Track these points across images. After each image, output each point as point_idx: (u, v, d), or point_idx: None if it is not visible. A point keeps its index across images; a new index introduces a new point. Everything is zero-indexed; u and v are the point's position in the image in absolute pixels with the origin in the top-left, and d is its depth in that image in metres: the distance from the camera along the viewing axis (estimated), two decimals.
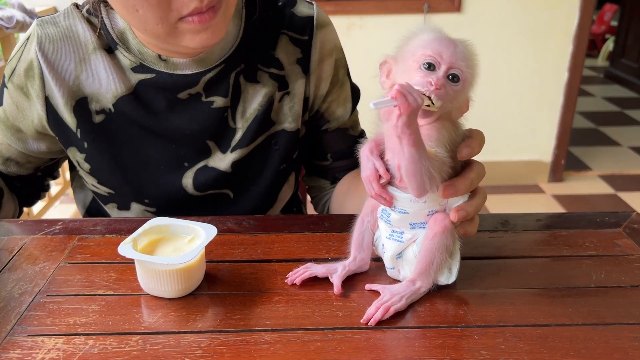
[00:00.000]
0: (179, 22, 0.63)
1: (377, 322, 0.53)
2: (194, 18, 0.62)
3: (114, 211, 0.83)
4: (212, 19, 0.63)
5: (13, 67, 0.75)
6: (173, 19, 0.63)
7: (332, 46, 0.82)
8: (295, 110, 0.80)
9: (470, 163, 0.56)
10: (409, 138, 0.48)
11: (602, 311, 0.55)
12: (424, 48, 0.51)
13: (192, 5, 0.61)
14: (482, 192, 0.57)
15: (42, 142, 0.80)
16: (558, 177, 2.91)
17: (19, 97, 0.75)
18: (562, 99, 2.73)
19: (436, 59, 0.51)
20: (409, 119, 0.46)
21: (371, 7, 2.54)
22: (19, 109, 0.76)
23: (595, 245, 0.68)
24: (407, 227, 0.57)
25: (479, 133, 0.55)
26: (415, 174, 0.50)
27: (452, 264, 0.57)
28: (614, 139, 3.52)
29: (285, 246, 0.68)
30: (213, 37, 0.65)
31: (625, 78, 4.66)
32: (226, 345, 0.51)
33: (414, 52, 0.52)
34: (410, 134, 0.47)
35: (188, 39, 0.65)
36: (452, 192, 0.54)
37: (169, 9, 0.62)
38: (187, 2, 0.61)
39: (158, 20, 0.62)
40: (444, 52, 0.51)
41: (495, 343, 0.51)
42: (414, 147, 0.48)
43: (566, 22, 2.57)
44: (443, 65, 0.51)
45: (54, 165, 0.89)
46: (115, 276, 0.62)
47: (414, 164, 0.49)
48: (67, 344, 0.51)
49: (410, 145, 0.48)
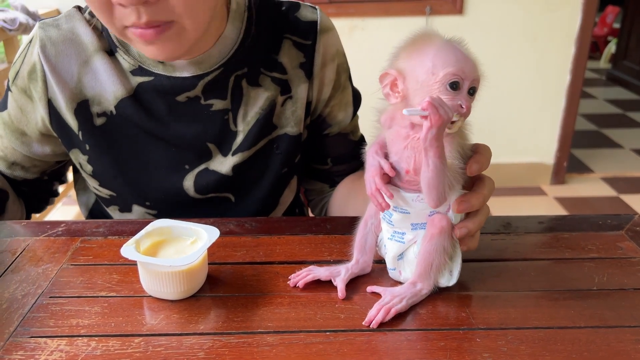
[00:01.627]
0: (125, 30, 0.63)
1: (379, 324, 0.53)
2: (135, 31, 0.62)
3: (116, 213, 0.83)
4: (153, 37, 0.62)
5: (17, 70, 0.75)
6: (119, 25, 0.63)
7: (335, 51, 0.82)
8: (298, 115, 0.80)
9: (481, 178, 0.57)
10: (436, 150, 0.48)
11: (604, 314, 0.55)
12: (445, 67, 0.50)
13: (130, 19, 0.61)
14: (485, 209, 0.58)
15: (46, 144, 0.80)
16: (560, 179, 2.91)
17: (23, 100, 0.76)
18: (564, 101, 2.73)
19: (460, 77, 0.50)
20: (439, 131, 0.47)
21: (373, 10, 2.55)
22: (23, 112, 0.77)
23: (598, 248, 0.68)
24: (408, 227, 0.57)
25: (487, 148, 0.56)
26: (438, 186, 0.51)
27: (453, 266, 0.57)
28: (616, 141, 3.52)
29: (288, 248, 0.68)
30: (163, 53, 0.65)
31: (627, 80, 4.65)
32: (228, 347, 0.51)
33: (434, 72, 0.50)
34: (437, 147, 0.48)
35: (140, 47, 0.65)
36: (466, 207, 0.55)
37: (112, 16, 0.62)
38: (127, 14, 0.60)
39: (108, 24, 0.63)
40: (465, 68, 0.50)
41: (497, 345, 0.51)
42: (439, 159, 0.49)
43: (568, 24, 2.57)
44: (467, 82, 0.50)
45: (60, 170, 0.89)
46: (117, 278, 0.62)
47: (437, 176, 0.50)
48: (69, 346, 0.51)
49: (436, 157, 0.49)
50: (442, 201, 0.52)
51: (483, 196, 0.56)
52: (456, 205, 0.55)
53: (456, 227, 0.56)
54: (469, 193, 0.55)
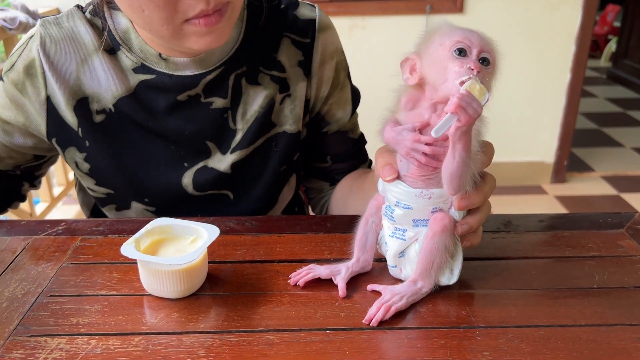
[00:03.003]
0: (184, 24, 0.63)
1: (379, 322, 0.53)
2: (200, 21, 0.62)
3: (112, 212, 0.82)
4: (217, 22, 0.63)
5: (12, 63, 0.74)
6: (178, 20, 0.63)
7: (334, 49, 0.82)
8: (297, 113, 0.81)
9: (483, 176, 0.57)
10: (464, 144, 0.49)
11: (605, 312, 0.55)
12: (451, 36, 0.52)
13: (198, 8, 0.61)
14: (486, 205, 0.58)
15: (29, 137, 0.78)
16: (561, 178, 2.90)
17: (14, 92, 0.75)
18: (565, 100, 2.72)
19: (466, 44, 0.51)
20: (469, 127, 0.48)
21: (373, 8, 2.54)
22: (12, 103, 0.75)
23: (598, 246, 0.68)
24: (410, 224, 0.57)
25: (490, 146, 0.56)
26: (461, 176, 0.51)
27: (454, 265, 0.57)
28: (616, 140, 3.52)
29: (288, 247, 0.68)
30: (218, 40, 0.66)
31: (627, 79, 4.65)
32: (228, 345, 0.51)
33: (442, 42, 0.52)
34: (466, 141, 0.49)
35: (192, 41, 0.65)
36: (467, 204, 0.55)
37: (174, 11, 0.62)
38: (193, 4, 0.61)
39: (163, 22, 0.63)
40: (472, 37, 0.51)
41: (497, 344, 0.51)
42: (465, 151, 0.50)
43: (569, 22, 2.57)
44: (474, 49, 0.51)
45: (35, 168, 0.86)
46: (117, 277, 0.62)
47: (462, 167, 0.50)
48: (69, 344, 0.51)
49: (463, 150, 0.50)
50: (462, 190, 0.53)
51: (484, 193, 0.56)
52: (457, 202, 0.55)
53: (457, 224, 0.56)
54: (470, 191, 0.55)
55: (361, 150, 0.91)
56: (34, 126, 0.76)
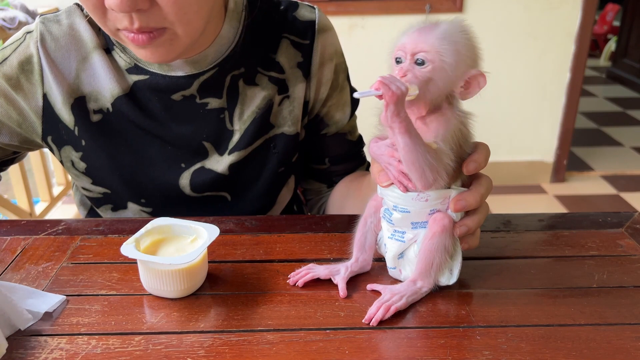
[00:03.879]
0: (118, 32, 0.63)
1: (379, 321, 0.53)
2: (128, 35, 0.62)
3: (108, 213, 0.82)
4: (145, 42, 0.62)
5: (5, 56, 0.73)
6: (112, 27, 0.63)
7: (333, 51, 0.82)
8: (295, 114, 0.80)
9: (478, 177, 0.57)
10: (400, 126, 0.49)
11: (604, 311, 0.55)
12: (393, 46, 0.54)
13: (122, 23, 0.61)
14: (484, 206, 0.58)
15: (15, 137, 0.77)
16: (560, 177, 2.90)
17: (4, 87, 0.73)
18: (565, 99, 2.72)
19: (401, 52, 0.53)
20: (397, 107, 0.48)
21: (373, 8, 2.54)
22: (1, 97, 0.74)
23: (598, 246, 0.68)
24: (408, 226, 0.57)
25: (485, 147, 0.56)
26: (414, 162, 0.51)
27: (454, 265, 0.57)
28: (616, 139, 3.52)
29: (287, 246, 0.68)
30: (154, 57, 0.65)
31: (627, 78, 4.65)
32: (228, 345, 0.51)
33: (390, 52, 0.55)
34: (400, 122, 0.49)
35: (134, 50, 0.66)
36: (463, 205, 0.55)
37: (105, 18, 0.62)
38: (119, 18, 0.61)
39: (102, 26, 0.63)
40: (406, 43, 0.53)
41: (497, 343, 0.51)
42: (406, 134, 0.49)
43: (568, 22, 2.57)
44: (408, 55, 0.52)
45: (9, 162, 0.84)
46: (117, 276, 0.62)
47: (409, 152, 0.50)
48: (70, 344, 0.51)
49: (402, 133, 0.49)
50: (428, 182, 0.52)
51: (480, 194, 0.55)
52: (452, 204, 0.55)
53: (456, 225, 0.56)
54: (465, 191, 0.55)
55: (359, 153, 0.91)
56: (27, 124, 0.76)
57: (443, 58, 0.51)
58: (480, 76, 0.53)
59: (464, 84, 0.53)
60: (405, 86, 0.49)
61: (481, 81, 0.53)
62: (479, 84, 0.53)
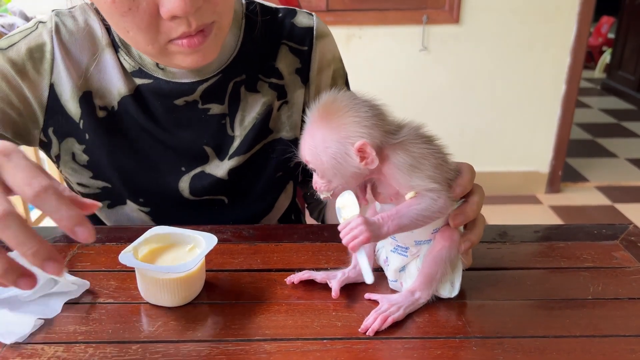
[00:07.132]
0: (169, 44, 0.64)
1: (375, 332, 0.53)
2: (183, 42, 0.63)
3: (104, 211, 0.81)
4: (201, 43, 0.63)
5: (13, 42, 0.72)
6: (163, 41, 0.63)
7: (332, 57, 0.83)
8: (294, 120, 0.81)
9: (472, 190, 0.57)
10: (386, 233, 0.52)
11: (599, 323, 0.56)
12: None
13: (180, 30, 0.61)
14: (481, 220, 0.58)
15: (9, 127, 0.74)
16: (555, 188, 2.92)
17: (8, 71, 0.72)
18: (560, 111, 2.74)
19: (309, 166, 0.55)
20: (371, 237, 0.51)
21: (371, 18, 2.56)
22: (2, 80, 0.72)
23: (593, 258, 0.68)
24: (412, 243, 0.57)
25: (470, 169, 0.56)
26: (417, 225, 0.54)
27: (455, 278, 0.58)
28: (611, 150, 3.54)
29: (285, 256, 0.68)
30: (204, 58, 0.66)
31: (622, 90, 4.69)
32: (225, 354, 0.51)
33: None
34: (386, 233, 0.52)
35: (179, 60, 0.66)
36: (463, 219, 0.56)
37: (157, 32, 0.62)
38: (175, 27, 0.61)
39: (148, 42, 0.63)
40: (301, 153, 0.55)
41: (493, 354, 0.51)
42: (395, 230, 0.52)
43: (564, 34, 2.59)
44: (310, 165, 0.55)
45: None
46: (115, 284, 0.62)
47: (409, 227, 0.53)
48: (67, 352, 0.51)
49: (391, 232, 0.53)
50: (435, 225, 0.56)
51: (476, 204, 0.56)
52: (452, 220, 0.55)
53: (460, 241, 0.56)
54: (461, 205, 0.56)
55: None
56: (28, 112, 0.74)
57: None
58: (362, 146, 0.50)
59: (360, 159, 0.51)
60: (359, 230, 0.51)
61: (367, 148, 0.50)
62: (367, 149, 0.51)
